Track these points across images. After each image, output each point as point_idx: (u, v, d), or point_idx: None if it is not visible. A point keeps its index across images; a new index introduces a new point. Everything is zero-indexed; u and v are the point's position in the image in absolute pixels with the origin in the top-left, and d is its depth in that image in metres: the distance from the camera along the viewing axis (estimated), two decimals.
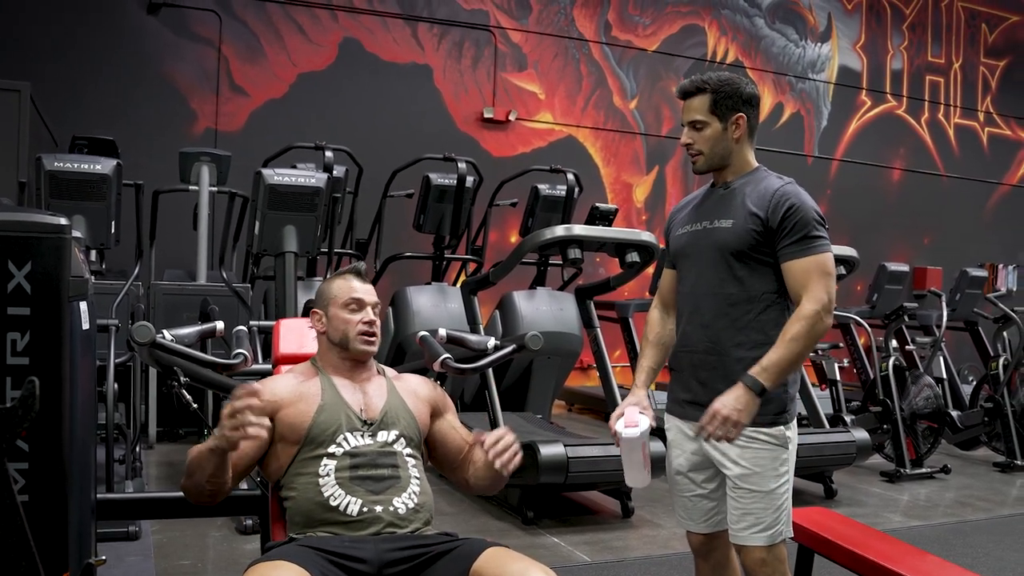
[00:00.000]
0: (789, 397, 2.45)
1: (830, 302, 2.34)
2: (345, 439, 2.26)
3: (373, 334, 2.39)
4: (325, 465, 2.22)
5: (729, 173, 2.52)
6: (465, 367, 2.54)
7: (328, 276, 2.50)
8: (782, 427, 2.42)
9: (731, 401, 2.29)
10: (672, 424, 2.60)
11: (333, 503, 2.18)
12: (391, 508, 2.20)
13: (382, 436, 2.30)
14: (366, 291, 2.43)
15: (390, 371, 2.52)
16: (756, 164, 2.53)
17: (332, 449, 2.24)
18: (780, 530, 2.42)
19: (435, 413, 2.48)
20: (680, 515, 2.65)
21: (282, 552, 2.03)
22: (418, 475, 2.31)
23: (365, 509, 2.18)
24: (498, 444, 2.21)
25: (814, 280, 2.34)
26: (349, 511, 2.17)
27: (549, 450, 4.46)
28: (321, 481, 2.21)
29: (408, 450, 2.32)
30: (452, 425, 2.50)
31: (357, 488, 2.20)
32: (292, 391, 2.33)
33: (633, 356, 6.94)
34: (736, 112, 2.44)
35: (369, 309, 2.40)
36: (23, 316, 1.99)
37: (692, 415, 2.47)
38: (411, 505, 2.23)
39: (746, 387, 2.30)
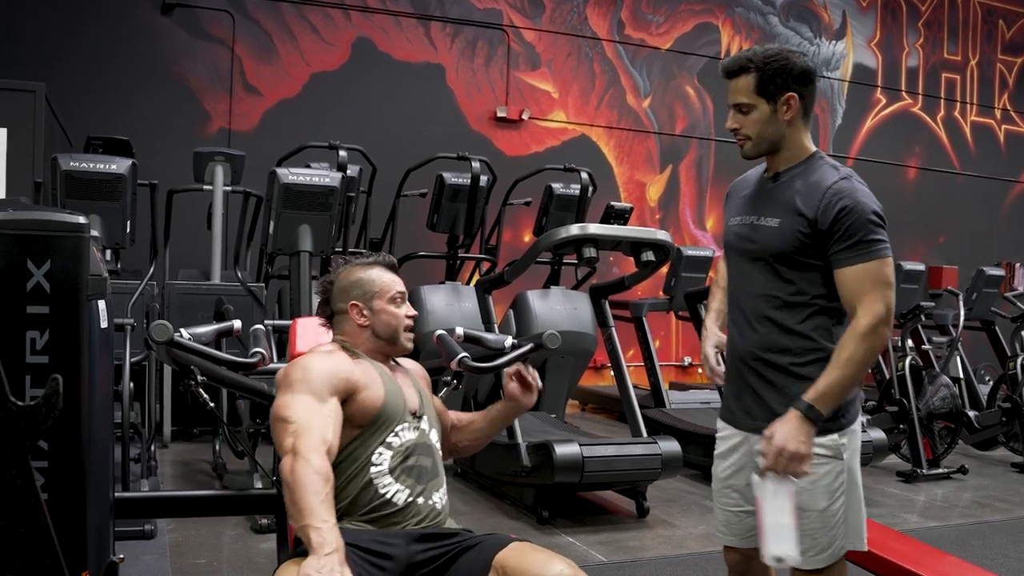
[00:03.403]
0: (846, 401, 2.23)
1: (888, 313, 2.14)
2: (403, 429, 2.27)
3: (413, 328, 2.42)
4: (380, 453, 2.22)
5: (781, 160, 2.30)
6: (483, 366, 2.53)
7: (340, 270, 2.47)
8: (835, 435, 2.22)
9: (789, 432, 2.11)
10: (725, 432, 2.43)
11: (382, 490, 2.19)
12: (430, 502, 2.24)
13: (424, 426, 2.34)
14: (401, 283, 2.44)
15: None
16: (812, 149, 2.31)
17: (390, 439, 2.25)
18: (841, 545, 2.27)
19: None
20: (720, 529, 2.47)
21: None
22: (443, 469, 2.36)
23: (410, 500, 2.20)
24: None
25: (868, 290, 2.13)
26: (395, 500, 2.19)
27: (564, 449, 4.45)
28: (374, 469, 2.20)
29: (438, 443, 2.37)
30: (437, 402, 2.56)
31: (406, 479, 2.22)
32: (364, 374, 2.28)
33: (648, 356, 6.92)
34: (786, 91, 2.21)
35: (408, 303, 2.43)
36: (42, 315, 1.99)
37: (743, 423, 2.35)
38: (444, 501, 2.29)
39: (802, 415, 2.12)
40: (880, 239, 2.16)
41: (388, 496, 2.19)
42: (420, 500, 2.22)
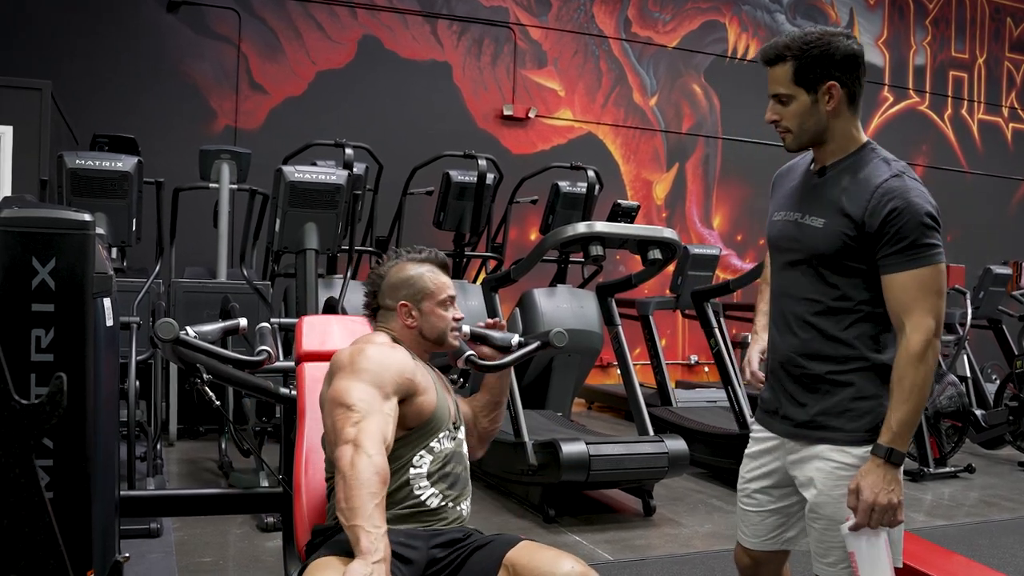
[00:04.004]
0: (885, 411, 2.05)
1: (938, 326, 1.99)
2: (445, 436, 2.27)
3: (460, 329, 2.43)
4: (422, 456, 2.22)
5: (827, 153, 2.14)
6: (490, 364, 2.52)
7: (391, 264, 2.44)
8: (871, 447, 2.05)
9: (875, 483, 1.98)
10: (761, 434, 2.34)
11: (417, 492, 2.19)
12: (458, 508, 2.25)
13: (460, 436, 2.35)
14: (453, 286, 2.45)
15: None
16: (862, 140, 2.14)
17: (433, 444, 2.24)
18: None
19: None
20: (742, 529, 2.39)
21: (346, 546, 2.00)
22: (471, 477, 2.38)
23: (442, 504, 2.21)
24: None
25: (918, 301, 1.98)
26: (428, 503, 2.19)
27: (571, 448, 4.44)
28: (413, 471, 2.19)
29: (467, 452, 2.38)
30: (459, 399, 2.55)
31: (441, 484, 2.23)
32: (423, 377, 2.27)
33: (654, 354, 6.90)
34: (826, 80, 2.05)
35: (456, 307, 2.43)
36: (47, 312, 1.98)
37: (779, 428, 2.24)
38: (470, 509, 2.30)
39: (884, 461, 1.99)
40: (933, 243, 2.00)
41: (422, 498, 2.19)
42: (450, 505, 2.23)
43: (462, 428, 2.38)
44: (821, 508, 2.13)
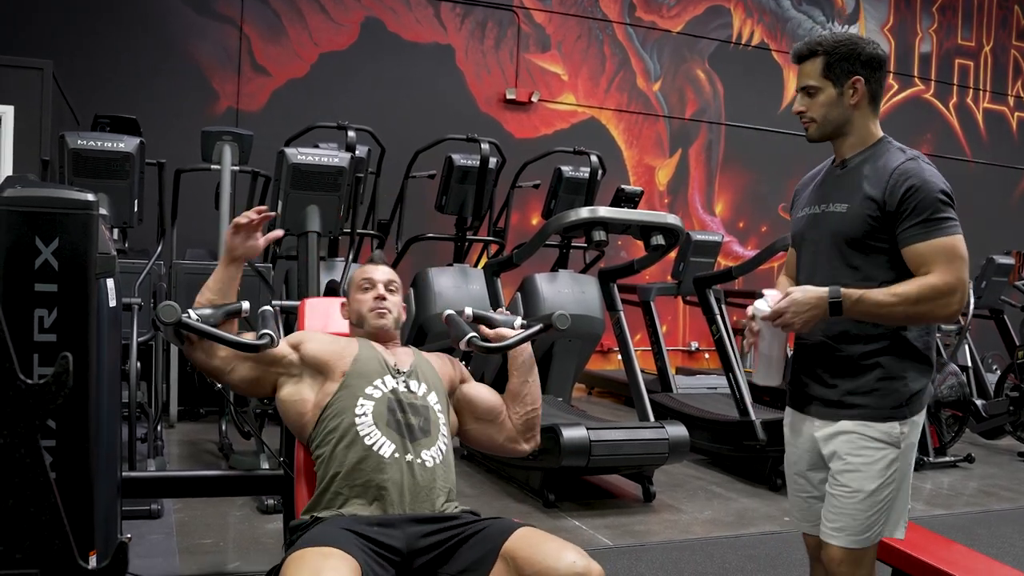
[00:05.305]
0: (910, 391, 2.24)
1: (959, 286, 2.13)
2: (383, 382, 2.34)
3: (384, 308, 2.52)
4: (363, 404, 2.29)
5: (847, 146, 2.33)
6: (492, 346, 2.51)
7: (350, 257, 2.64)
8: (896, 423, 2.22)
9: (801, 303, 2.17)
10: (792, 418, 2.46)
11: (368, 441, 2.23)
12: (419, 460, 2.25)
13: (414, 385, 2.38)
14: (378, 271, 2.57)
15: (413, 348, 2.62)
16: (879, 134, 2.33)
17: (369, 391, 2.32)
18: (879, 532, 2.27)
19: (461, 380, 2.60)
20: (794, 515, 2.52)
21: (326, 536, 2.01)
22: (446, 435, 2.38)
23: (396, 455, 2.23)
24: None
25: (940, 263, 2.14)
26: (382, 452, 2.22)
27: (571, 433, 4.44)
28: (358, 420, 2.26)
29: (438, 406, 2.39)
30: (477, 385, 2.63)
31: (392, 433, 2.26)
32: (330, 339, 2.48)
33: (655, 340, 6.90)
34: (852, 75, 2.25)
35: (380, 286, 2.54)
36: (51, 293, 1.98)
37: (814, 411, 2.35)
38: (438, 460, 2.29)
39: (826, 296, 2.16)
40: (950, 217, 2.19)
41: (374, 446, 2.22)
42: (408, 456, 2.24)
43: (419, 382, 2.41)
44: (842, 476, 2.25)
